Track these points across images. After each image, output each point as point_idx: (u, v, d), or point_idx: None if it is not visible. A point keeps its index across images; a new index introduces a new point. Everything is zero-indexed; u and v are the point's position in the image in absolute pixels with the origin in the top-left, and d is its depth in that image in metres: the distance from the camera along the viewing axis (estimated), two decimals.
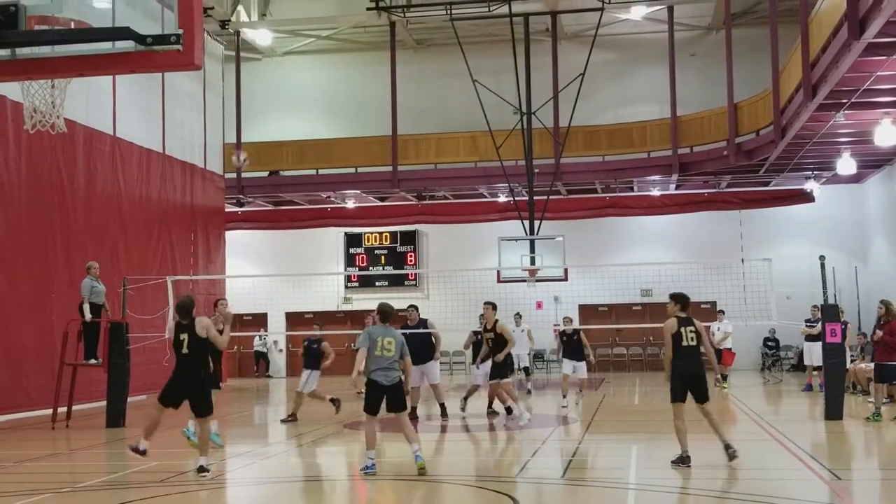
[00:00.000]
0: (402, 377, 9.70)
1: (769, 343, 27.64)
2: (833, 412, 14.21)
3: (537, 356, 29.30)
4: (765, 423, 14.39)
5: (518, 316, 21.42)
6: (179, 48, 6.91)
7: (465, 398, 15.76)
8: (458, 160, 27.87)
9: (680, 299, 10.20)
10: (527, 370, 21.72)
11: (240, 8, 29.18)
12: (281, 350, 30.84)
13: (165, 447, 13.09)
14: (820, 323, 17.30)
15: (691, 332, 10.00)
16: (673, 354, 9.99)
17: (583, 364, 17.20)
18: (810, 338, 19.61)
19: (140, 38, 7.03)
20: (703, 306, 26.80)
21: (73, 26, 7.48)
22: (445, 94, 29.39)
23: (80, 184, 19.20)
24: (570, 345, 17.30)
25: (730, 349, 21.85)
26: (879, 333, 14.24)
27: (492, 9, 25.95)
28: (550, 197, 25.70)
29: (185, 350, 9.55)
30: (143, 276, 18.91)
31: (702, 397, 10.13)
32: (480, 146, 26.97)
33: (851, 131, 20.36)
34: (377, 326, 9.79)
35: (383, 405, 9.64)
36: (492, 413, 15.55)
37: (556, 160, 25.83)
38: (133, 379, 15.88)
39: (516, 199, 25.65)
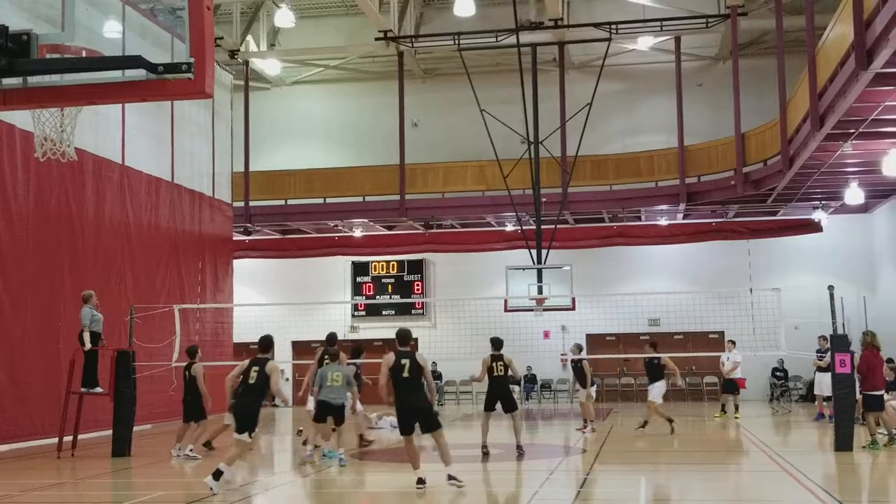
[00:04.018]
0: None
1: (777, 373, 27.46)
2: (843, 443, 14.10)
3: (544, 386, 29.19)
4: (774, 455, 14.27)
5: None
6: (191, 76, 6.95)
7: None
8: (465, 189, 27.89)
9: None
10: None
11: (249, 38, 29.40)
12: (287, 379, 30.71)
13: (171, 476, 13.06)
14: (829, 353, 17.28)
15: None
16: None
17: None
18: (820, 368, 19.60)
19: (151, 67, 7.07)
20: (710, 336, 26.76)
21: (84, 55, 7.53)
22: (453, 124, 29.47)
23: (88, 213, 19.24)
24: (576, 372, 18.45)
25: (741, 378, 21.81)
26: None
27: (499, 39, 26.13)
28: (558, 226, 25.69)
29: (405, 374, 10.59)
30: (151, 305, 18.89)
31: None
32: (488, 175, 27.01)
33: (859, 161, 20.33)
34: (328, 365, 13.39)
35: None
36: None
37: (564, 189, 25.84)
38: (139, 408, 15.87)
39: (524, 228, 25.66)
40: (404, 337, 10.99)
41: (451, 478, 10.56)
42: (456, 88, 28.27)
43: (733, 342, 22.04)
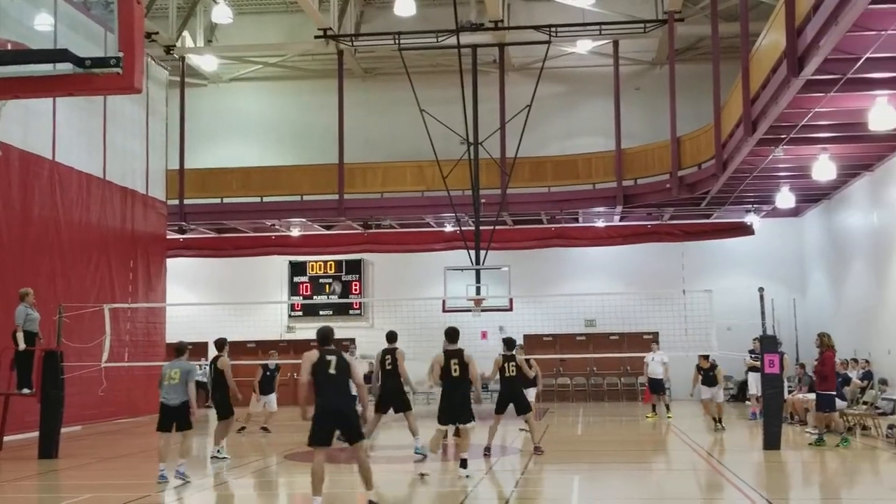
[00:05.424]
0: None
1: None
2: (771, 442, 14.38)
3: (483, 387, 29.22)
4: (704, 453, 14.49)
5: (352, 342, 21.36)
6: (119, 71, 6.84)
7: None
8: (404, 189, 27.82)
9: None
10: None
11: (185, 33, 28.95)
12: None
13: (99, 479, 12.81)
14: None
15: None
16: None
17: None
18: (754, 368, 20.01)
19: (79, 61, 6.93)
20: (645, 336, 27.07)
21: (9, 47, 7.34)
22: (393, 123, 29.38)
23: (15, 209, 18.75)
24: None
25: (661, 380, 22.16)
26: (815, 364, 14.75)
27: (440, 40, 26.11)
28: (496, 227, 25.77)
29: (331, 371, 9.30)
30: (81, 304, 18.49)
31: None
32: (427, 176, 26.97)
33: (790, 166, 20.74)
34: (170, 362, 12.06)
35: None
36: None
37: (503, 190, 25.93)
38: (67, 409, 15.50)
39: (462, 228, 25.68)
40: (325, 337, 9.59)
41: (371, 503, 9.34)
42: (396, 88, 28.16)
43: (657, 342, 22.41)
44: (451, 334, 12.43)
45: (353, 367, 9.49)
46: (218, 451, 14.17)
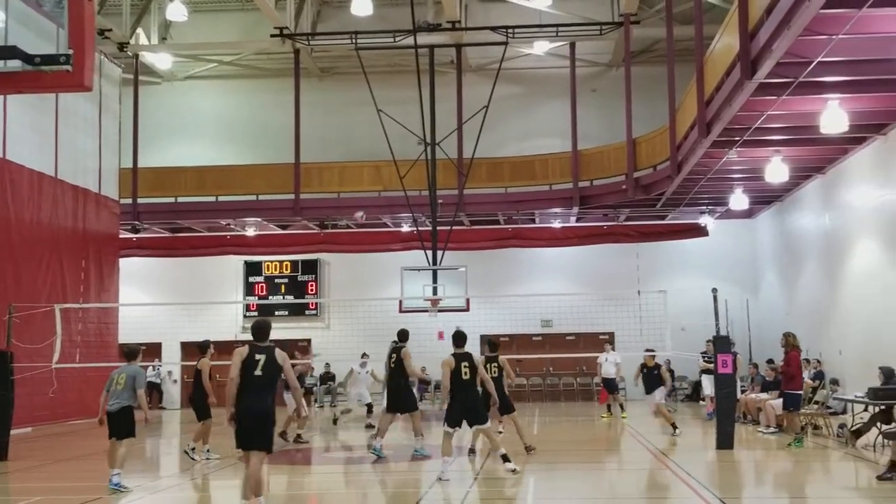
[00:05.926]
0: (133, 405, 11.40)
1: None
2: (724, 442, 14.54)
3: (438, 387, 29.20)
4: (658, 452, 14.61)
5: (365, 355, 21.06)
6: (69, 69, 6.71)
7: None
8: (361, 189, 27.74)
9: None
10: (369, 406, 20.89)
11: (139, 31, 28.59)
12: (175, 381, 30.06)
13: (49, 481, 12.62)
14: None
15: None
16: None
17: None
18: (707, 371, 20.24)
19: (28, 58, 6.79)
20: (601, 337, 27.26)
21: None
22: (350, 123, 29.27)
23: None
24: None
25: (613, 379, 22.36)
26: (780, 364, 14.97)
27: (397, 40, 26.08)
28: (453, 227, 25.79)
29: (258, 372, 8.78)
30: (32, 304, 18.19)
31: None
32: (384, 176, 26.91)
33: (744, 168, 21.00)
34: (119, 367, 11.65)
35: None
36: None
37: (460, 191, 25.95)
38: (18, 410, 15.26)
39: (419, 229, 25.67)
40: (258, 330, 9.04)
41: None
42: (353, 88, 28.06)
43: (611, 343, 22.55)
44: (460, 338, 12.27)
45: (287, 367, 8.98)
46: (193, 448, 14.12)
